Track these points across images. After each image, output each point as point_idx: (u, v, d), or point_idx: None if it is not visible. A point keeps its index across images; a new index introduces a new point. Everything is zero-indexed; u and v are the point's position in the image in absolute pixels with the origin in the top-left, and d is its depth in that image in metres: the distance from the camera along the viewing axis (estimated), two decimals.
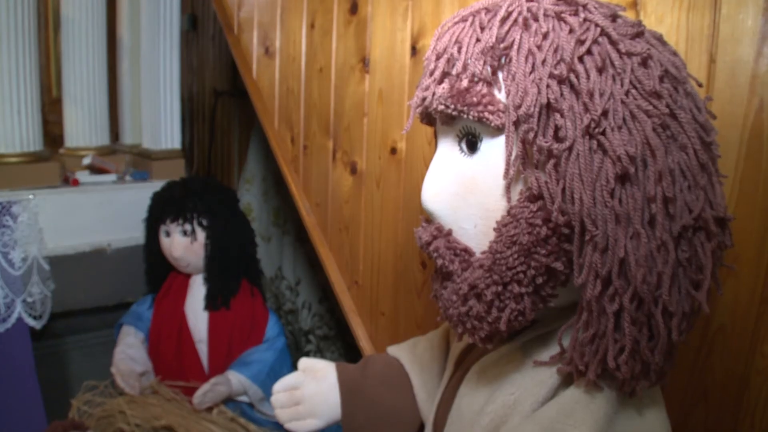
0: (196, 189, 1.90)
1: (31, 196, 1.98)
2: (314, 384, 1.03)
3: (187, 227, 1.85)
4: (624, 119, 0.59)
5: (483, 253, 0.67)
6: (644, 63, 0.61)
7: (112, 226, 2.15)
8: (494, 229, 0.65)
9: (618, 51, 0.61)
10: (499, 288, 0.64)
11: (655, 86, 0.59)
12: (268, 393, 1.81)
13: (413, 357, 1.06)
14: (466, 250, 0.69)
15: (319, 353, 2.55)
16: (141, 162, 2.38)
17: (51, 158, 2.15)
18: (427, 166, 1.37)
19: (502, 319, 0.65)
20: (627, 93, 0.60)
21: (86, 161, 2.21)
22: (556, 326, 0.70)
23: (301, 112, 1.71)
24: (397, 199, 1.43)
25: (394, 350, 1.10)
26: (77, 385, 2.05)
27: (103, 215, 2.14)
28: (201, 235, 1.86)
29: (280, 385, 1.03)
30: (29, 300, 2.00)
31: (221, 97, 3.25)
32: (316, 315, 2.56)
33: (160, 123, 2.29)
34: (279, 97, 1.85)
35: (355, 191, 1.55)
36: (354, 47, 1.54)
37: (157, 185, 2.01)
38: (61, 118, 2.41)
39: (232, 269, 1.90)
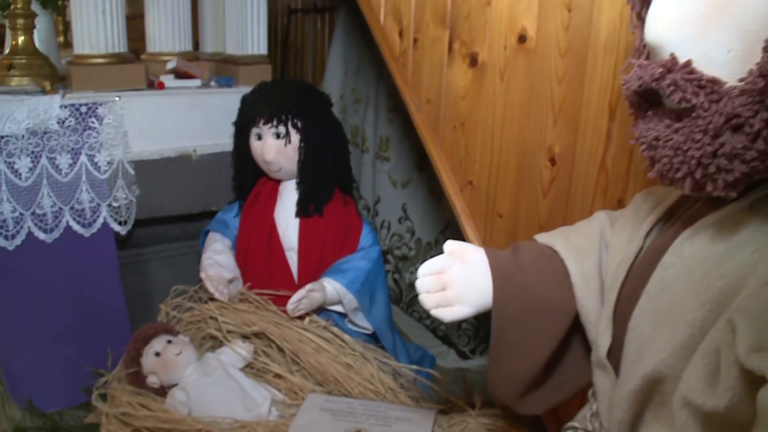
0: (291, 90, 1.81)
1: (117, 98, 1.93)
2: (463, 268, 0.94)
3: (281, 129, 1.76)
4: None
5: (741, 79, 0.58)
6: None
7: (197, 131, 2.08)
8: (764, 48, 0.55)
9: None
10: None
11: None
12: (362, 303, 1.75)
13: (568, 243, 0.98)
14: (714, 81, 0.60)
15: (398, 273, 2.49)
16: (225, 68, 2.29)
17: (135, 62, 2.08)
18: (561, 55, 1.26)
19: None
20: None
21: (171, 65, 2.14)
22: None
23: (412, 4, 1.59)
24: (525, 91, 1.32)
25: (544, 238, 1.02)
26: (158, 295, 2.03)
27: (189, 120, 2.06)
28: (295, 137, 1.77)
29: (426, 268, 0.95)
30: (114, 204, 1.97)
31: (295, 15, 3.14)
32: (395, 235, 2.49)
33: (246, 27, 2.19)
34: None
35: (474, 85, 1.44)
36: None
37: (243, 90, 1.93)
38: (135, 34, 2.34)
39: (326, 175, 1.82)
